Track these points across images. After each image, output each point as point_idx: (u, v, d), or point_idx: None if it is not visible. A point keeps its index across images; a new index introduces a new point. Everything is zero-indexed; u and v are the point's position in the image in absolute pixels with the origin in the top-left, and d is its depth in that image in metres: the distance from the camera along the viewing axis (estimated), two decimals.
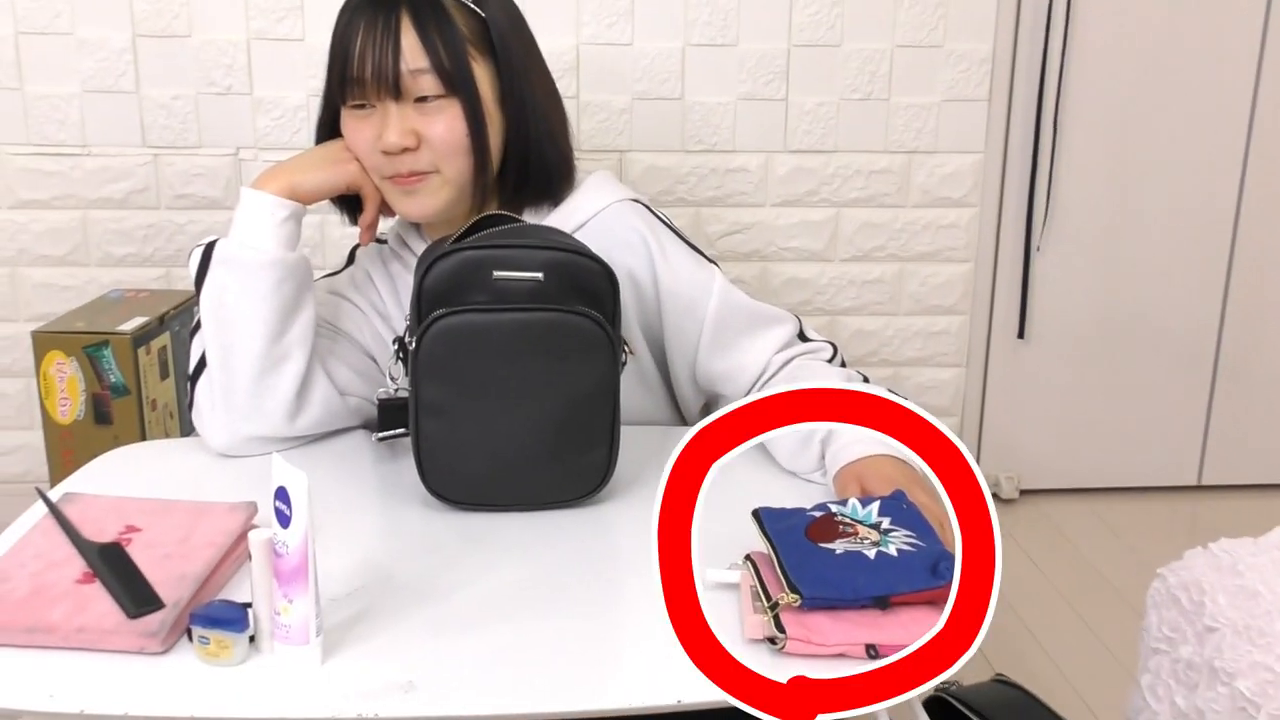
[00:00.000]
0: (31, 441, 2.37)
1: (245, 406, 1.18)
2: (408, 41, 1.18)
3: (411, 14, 1.18)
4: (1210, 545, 1.10)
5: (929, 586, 0.85)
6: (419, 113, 1.20)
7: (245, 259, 1.18)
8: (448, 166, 1.22)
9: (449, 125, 1.20)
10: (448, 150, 1.21)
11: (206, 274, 1.20)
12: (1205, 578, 1.07)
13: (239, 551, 0.96)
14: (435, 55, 1.18)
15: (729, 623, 0.87)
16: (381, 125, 1.20)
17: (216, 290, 1.19)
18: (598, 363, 1.05)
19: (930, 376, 2.54)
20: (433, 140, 1.20)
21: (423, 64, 1.18)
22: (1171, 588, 1.10)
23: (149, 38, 2.20)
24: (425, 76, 1.19)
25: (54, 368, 1.87)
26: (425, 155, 1.21)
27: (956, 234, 2.45)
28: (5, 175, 2.24)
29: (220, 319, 1.18)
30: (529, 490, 1.08)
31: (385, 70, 1.17)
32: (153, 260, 2.30)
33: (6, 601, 0.86)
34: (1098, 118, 2.41)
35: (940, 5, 2.31)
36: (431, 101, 1.20)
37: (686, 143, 2.34)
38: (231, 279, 1.18)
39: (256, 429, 1.20)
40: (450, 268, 1.04)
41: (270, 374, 1.19)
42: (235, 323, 1.18)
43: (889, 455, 1.09)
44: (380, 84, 1.18)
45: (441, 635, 0.87)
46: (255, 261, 1.18)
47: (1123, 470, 2.64)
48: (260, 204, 1.21)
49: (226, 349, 1.18)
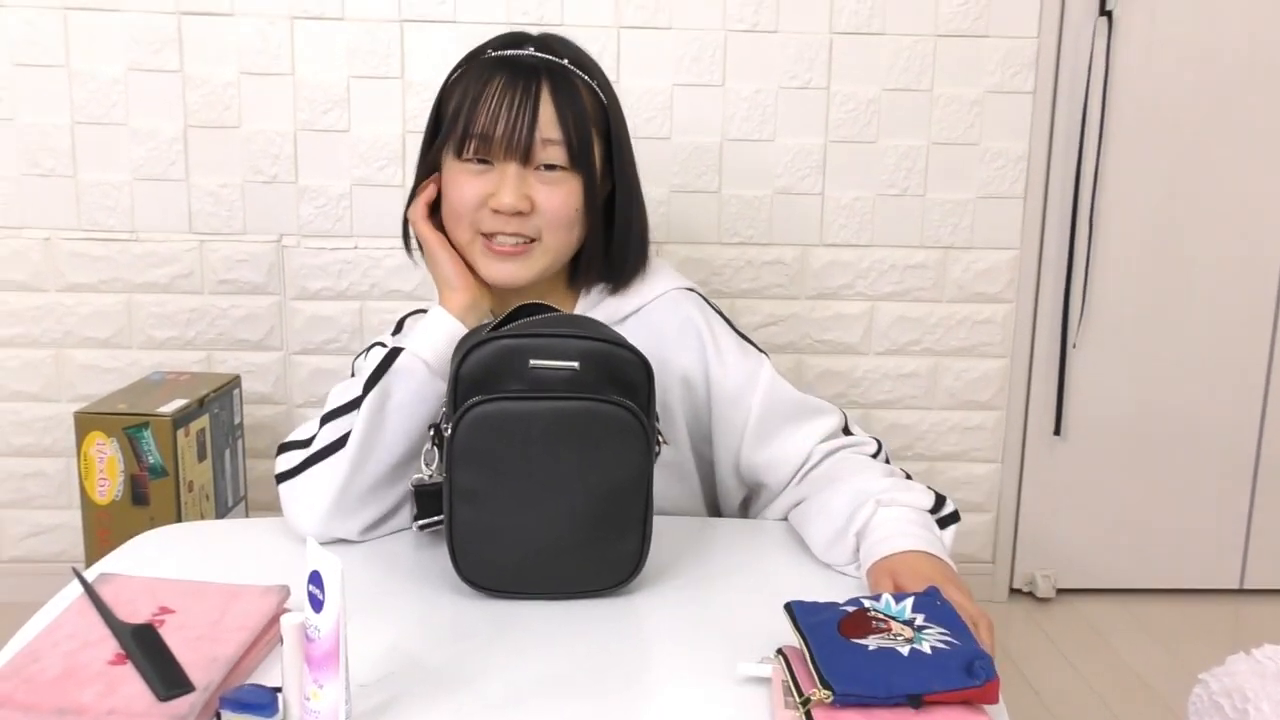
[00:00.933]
0: (69, 521, 2.39)
1: (349, 508, 1.18)
2: (545, 111, 1.21)
3: (551, 85, 1.22)
4: (1254, 650, 1.08)
5: (964, 686, 0.83)
6: (538, 180, 1.23)
7: (421, 378, 1.18)
8: (552, 237, 1.25)
9: (565, 198, 1.23)
10: (558, 222, 1.24)
11: (382, 375, 1.19)
12: (1249, 684, 1.04)
13: (271, 635, 0.96)
14: (568, 129, 1.22)
15: (760, 717, 0.86)
16: (498, 184, 1.22)
17: (382, 396, 1.18)
18: (632, 452, 1.06)
19: (965, 472, 2.52)
20: (546, 210, 1.23)
21: (555, 135, 1.21)
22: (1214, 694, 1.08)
23: (200, 128, 2.26)
24: (555, 147, 1.22)
25: (94, 448, 1.89)
26: (533, 222, 1.24)
27: (992, 329, 2.44)
28: (55, 259, 2.29)
29: (375, 423, 1.17)
30: (561, 578, 1.07)
31: (519, 134, 1.20)
32: (194, 344, 2.34)
33: (37, 682, 0.86)
34: (1134, 215, 2.42)
35: (976, 104, 2.34)
36: (555, 171, 1.23)
37: (723, 235, 2.37)
38: (400, 391, 1.18)
39: (340, 530, 1.19)
40: (487, 355, 1.05)
41: (384, 489, 1.19)
42: (387, 432, 1.18)
43: (924, 552, 1.08)
44: (510, 146, 1.21)
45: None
46: (430, 385, 1.18)
47: (1162, 571, 2.59)
48: (448, 328, 1.22)
49: (366, 451, 1.17)
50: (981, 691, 0.83)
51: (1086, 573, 2.58)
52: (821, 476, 1.26)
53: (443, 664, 0.95)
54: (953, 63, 2.33)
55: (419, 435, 1.18)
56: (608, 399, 1.04)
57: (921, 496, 1.17)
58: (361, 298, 2.35)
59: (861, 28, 2.30)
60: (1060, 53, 2.34)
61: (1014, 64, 2.33)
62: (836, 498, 1.18)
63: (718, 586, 1.12)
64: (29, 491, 2.38)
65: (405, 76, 2.26)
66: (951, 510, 1.19)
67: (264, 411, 2.38)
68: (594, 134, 1.25)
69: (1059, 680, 2.20)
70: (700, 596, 1.10)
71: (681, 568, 1.15)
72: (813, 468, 1.28)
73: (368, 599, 1.06)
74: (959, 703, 0.84)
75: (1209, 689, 1.09)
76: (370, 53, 2.25)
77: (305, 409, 2.37)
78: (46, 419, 2.35)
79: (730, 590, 1.12)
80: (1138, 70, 2.36)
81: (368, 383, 1.19)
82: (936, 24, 2.31)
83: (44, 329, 2.31)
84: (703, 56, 2.29)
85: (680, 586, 1.12)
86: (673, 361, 1.30)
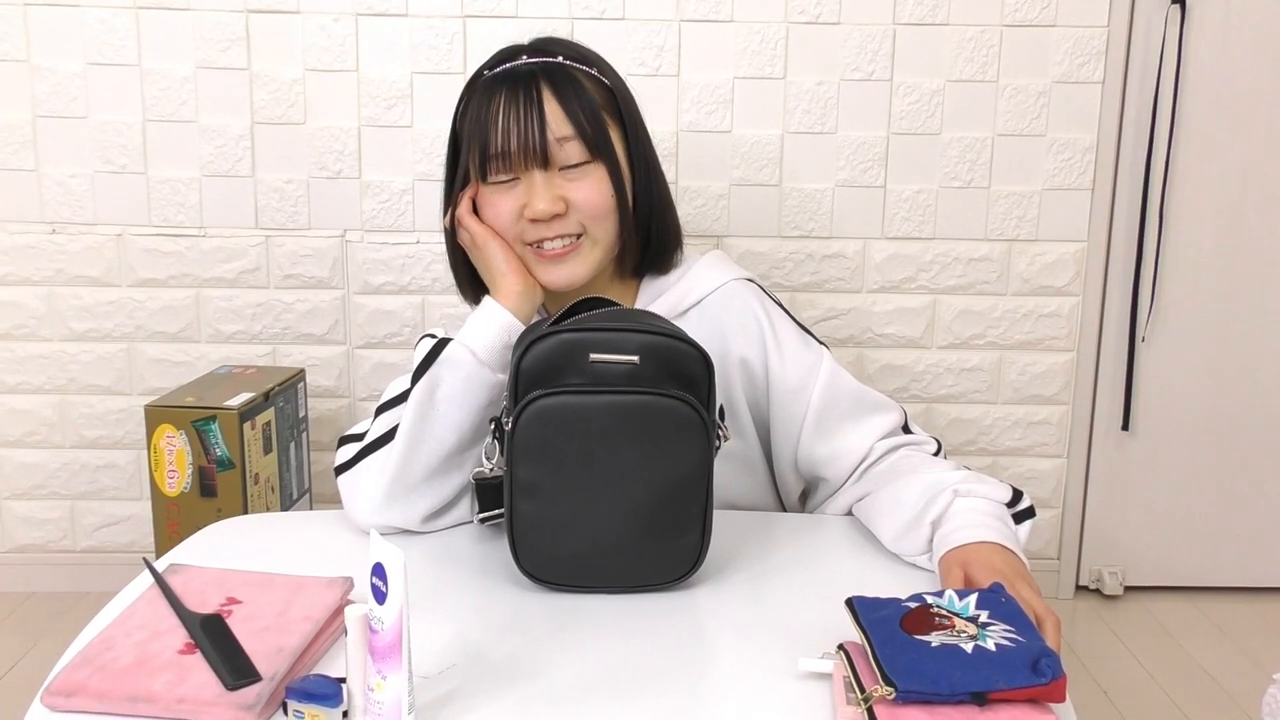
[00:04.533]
0: (139, 512, 2.43)
1: (404, 498, 1.19)
2: (551, 110, 1.21)
3: (550, 84, 1.22)
4: None
5: (1029, 684, 0.82)
6: (565, 179, 1.23)
7: (469, 369, 1.19)
8: (596, 228, 1.25)
9: (596, 188, 1.23)
10: (596, 213, 1.24)
11: (430, 366, 1.20)
12: None
13: (335, 626, 0.97)
14: (578, 122, 1.22)
15: (821, 713, 0.86)
16: (528, 194, 1.23)
17: (431, 384, 1.19)
18: (692, 446, 1.05)
19: (1029, 467, 2.49)
20: (580, 204, 1.23)
21: (567, 131, 1.22)
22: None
23: (266, 125, 2.29)
24: (571, 143, 1.22)
25: (164, 440, 1.93)
26: (573, 219, 1.24)
27: (1058, 323, 2.41)
28: (127, 255, 2.33)
29: (424, 413, 1.18)
30: (621, 572, 1.07)
31: (532, 140, 1.21)
32: (260, 338, 2.37)
33: (110, 670, 0.88)
34: (1205, 207, 2.37)
35: (1042, 95, 2.31)
36: (577, 167, 1.23)
37: (783, 228, 2.36)
38: (449, 381, 1.19)
39: (398, 519, 1.20)
40: (547, 350, 1.06)
41: (438, 478, 1.20)
42: (436, 422, 1.18)
43: (998, 545, 1.07)
44: (528, 154, 1.21)
45: (532, 716, 0.87)
46: (478, 375, 1.19)
47: (1232, 569, 2.54)
48: (500, 321, 1.22)
49: (416, 441, 1.18)
50: (1048, 689, 0.82)
51: (1156, 570, 2.54)
52: (886, 472, 1.25)
53: (504, 657, 0.96)
54: (1019, 53, 2.29)
55: (470, 425, 1.19)
56: (668, 393, 1.04)
57: (999, 490, 1.15)
58: (423, 292, 2.37)
59: (925, 18, 2.27)
60: (1131, 42, 2.30)
61: (1083, 54, 2.29)
62: (909, 489, 1.17)
63: (778, 581, 1.12)
64: (101, 483, 2.43)
65: (468, 72, 2.27)
66: (1028, 505, 1.17)
67: (327, 405, 2.41)
68: (607, 120, 1.25)
69: (1127, 678, 2.17)
70: (761, 591, 1.09)
71: (742, 562, 1.15)
72: (873, 464, 1.27)
73: (430, 592, 1.07)
74: (1025, 701, 0.82)
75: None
76: (433, 48, 2.27)
77: (368, 402, 2.39)
78: (118, 412, 2.40)
79: (791, 585, 1.11)
80: (1210, 60, 2.31)
81: (415, 373, 1.20)
82: (1003, 14, 2.27)
83: (116, 323, 2.36)
84: (764, 49, 2.28)
85: (741, 581, 1.11)
86: (733, 353, 1.29)
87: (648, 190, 1.30)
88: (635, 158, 1.28)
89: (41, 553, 2.46)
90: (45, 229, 2.32)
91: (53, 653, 1.22)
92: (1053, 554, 2.54)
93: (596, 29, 2.26)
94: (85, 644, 0.92)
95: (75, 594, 2.44)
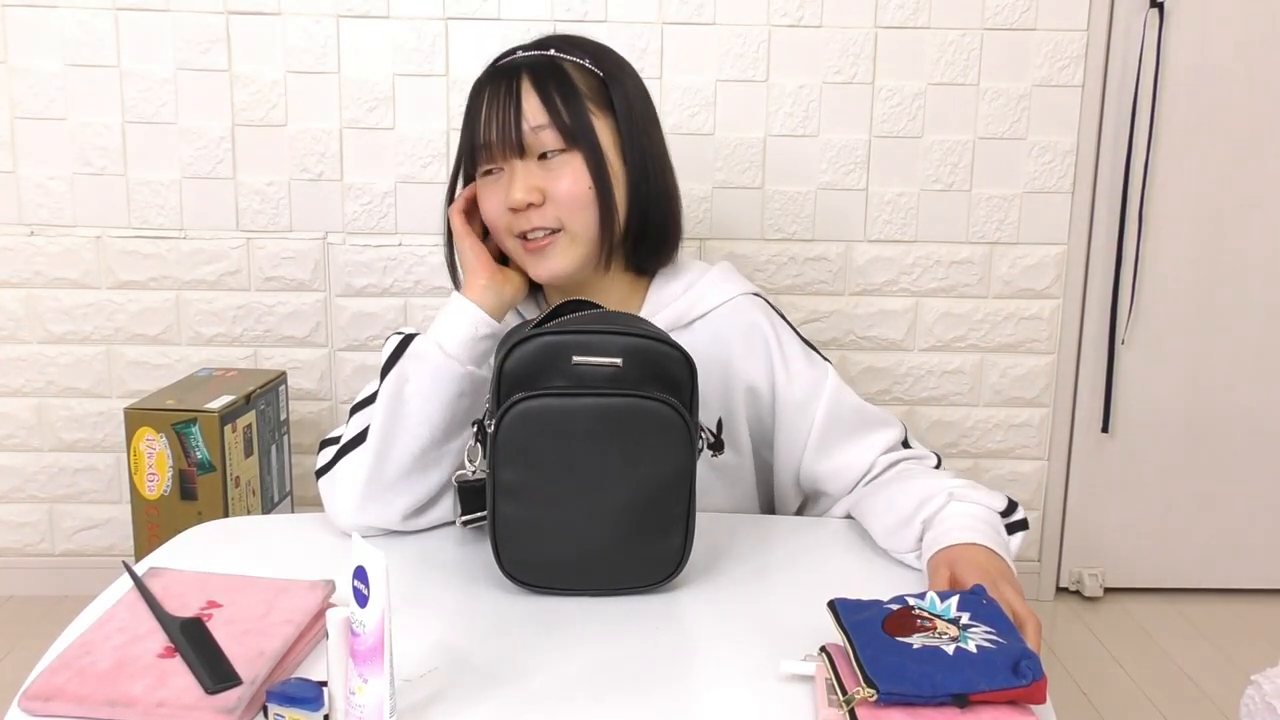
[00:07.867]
0: (119, 515, 2.42)
1: (380, 497, 1.19)
2: (528, 101, 1.22)
3: (531, 76, 1.23)
4: None
5: (1010, 685, 0.82)
6: (544, 169, 1.23)
7: (436, 362, 1.19)
8: (573, 221, 1.24)
9: (573, 178, 1.23)
10: (573, 204, 1.23)
11: (396, 362, 1.20)
12: None
13: (316, 629, 0.97)
14: (554, 111, 1.22)
15: (803, 715, 0.86)
16: (508, 184, 1.23)
17: (399, 381, 1.19)
18: (675, 449, 1.05)
19: (1011, 469, 2.50)
20: (557, 195, 1.23)
21: (542, 120, 1.22)
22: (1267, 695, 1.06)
23: (247, 126, 2.29)
24: (546, 132, 1.22)
25: (144, 443, 1.92)
26: (550, 211, 1.23)
27: (1039, 325, 2.42)
28: (106, 257, 2.32)
29: (393, 409, 1.18)
30: (603, 575, 1.07)
31: (508, 129, 1.21)
32: (241, 340, 2.36)
33: (89, 674, 0.87)
34: (1185, 210, 2.39)
35: (1023, 98, 2.32)
36: (554, 157, 1.23)
37: (766, 231, 2.36)
38: (417, 375, 1.19)
39: (376, 519, 1.20)
40: (530, 352, 1.05)
41: (415, 475, 1.19)
42: (406, 417, 1.18)
43: (986, 548, 1.07)
44: (504, 144, 1.22)
45: (514, 719, 0.86)
46: (445, 368, 1.19)
47: (1212, 571, 2.56)
48: (468, 315, 1.22)
49: (389, 439, 1.18)
50: (1028, 691, 0.82)
51: (1135, 572, 2.56)
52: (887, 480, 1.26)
53: (486, 660, 0.95)
54: (1000, 56, 2.31)
55: (441, 418, 1.19)
56: (650, 395, 1.04)
57: (994, 498, 1.16)
58: (405, 294, 2.36)
59: (907, 22, 2.28)
60: (1110, 45, 2.32)
61: (1062, 57, 2.31)
62: (906, 491, 1.18)
63: (761, 584, 1.12)
64: (81, 486, 2.42)
65: (450, 74, 2.27)
66: (1021, 517, 1.18)
67: (309, 408, 2.40)
68: (593, 109, 1.24)
69: (1107, 680, 2.18)
70: (744, 593, 1.09)
71: (725, 565, 1.15)
72: (875, 477, 1.28)
73: (412, 595, 1.07)
74: (1005, 702, 0.83)
75: (1262, 690, 1.08)
76: (415, 51, 2.26)
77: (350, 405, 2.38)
78: (98, 415, 2.38)
79: (774, 587, 1.11)
80: (1189, 63, 2.33)
81: (383, 370, 1.20)
82: (983, 17, 2.29)
83: (95, 326, 2.34)
84: (746, 52, 2.29)
85: (724, 583, 1.11)
86: (738, 367, 1.30)
87: (644, 182, 1.29)
88: (629, 149, 1.27)
89: (20, 556, 2.44)
90: (24, 231, 2.31)
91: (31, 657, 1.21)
92: (1033, 556, 2.55)
93: (578, 32, 2.24)
94: (64, 648, 0.91)
95: (54, 597, 2.42)
